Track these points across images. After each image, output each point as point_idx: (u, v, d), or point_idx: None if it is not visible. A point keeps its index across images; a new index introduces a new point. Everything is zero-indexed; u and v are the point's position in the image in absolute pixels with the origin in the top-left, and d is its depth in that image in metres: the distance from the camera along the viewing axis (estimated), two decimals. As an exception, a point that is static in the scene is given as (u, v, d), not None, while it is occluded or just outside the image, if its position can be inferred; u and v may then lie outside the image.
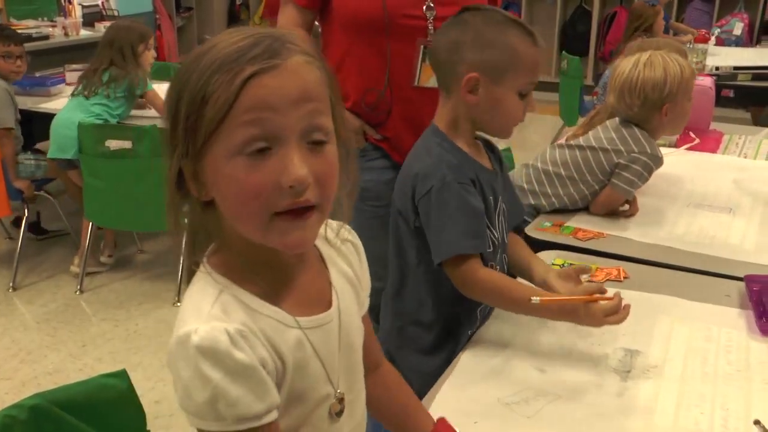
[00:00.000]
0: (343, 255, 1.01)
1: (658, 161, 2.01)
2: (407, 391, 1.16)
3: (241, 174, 0.79)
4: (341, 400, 0.96)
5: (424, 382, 1.30)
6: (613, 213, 2.03)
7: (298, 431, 0.92)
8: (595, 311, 1.28)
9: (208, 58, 0.80)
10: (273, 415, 0.84)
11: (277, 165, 0.79)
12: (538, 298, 1.31)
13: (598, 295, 1.30)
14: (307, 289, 0.93)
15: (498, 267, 1.49)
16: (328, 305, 0.95)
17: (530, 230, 1.94)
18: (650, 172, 2.01)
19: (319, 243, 0.98)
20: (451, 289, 1.41)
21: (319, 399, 0.93)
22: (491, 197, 1.46)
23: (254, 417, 0.82)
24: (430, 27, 1.92)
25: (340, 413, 0.96)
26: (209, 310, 0.83)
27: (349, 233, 1.04)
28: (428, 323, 1.49)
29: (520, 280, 1.51)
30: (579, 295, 1.32)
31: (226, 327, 0.81)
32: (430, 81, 1.91)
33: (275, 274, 0.90)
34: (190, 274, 0.91)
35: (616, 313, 1.29)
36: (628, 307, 1.31)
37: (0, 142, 3.42)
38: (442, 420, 1.12)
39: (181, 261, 1.03)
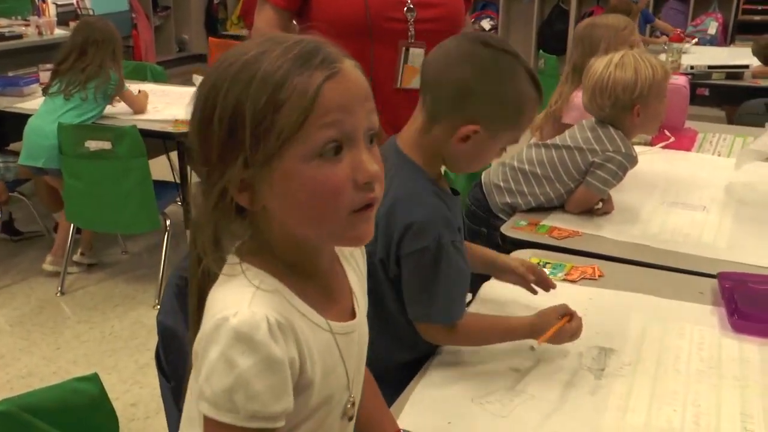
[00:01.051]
0: (355, 259, 1.04)
1: (633, 161, 2.02)
2: (378, 396, 1.17)
3: (321, 175, 0.82)
4: (353, 405, 0.97)
5: (402, 376, 1.30)
6: (588, 212, 2.04)
7: None
8: (565, 331, 1.33)
9: (266, 66, 0.81)
10: (283, 422, 0.83)
11: (350, 163, 0.83)
12: (536, 344, 1.31)
13: (565, 319, 1.35)
14: (337, 296, 0.96)
15: None
16: (353, 314, 0.97)
17: (506, 229, 1.94)
18: (625, 172, 2.02)
19: (338, 250, 1.00)
20: None
21: (340, 404, 0.94)
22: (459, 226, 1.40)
23: (269, 417, 0.81)
24: (411, 29, 1.95)
25: (352, 418, 0.98)
26: (251, 299, 0.83)
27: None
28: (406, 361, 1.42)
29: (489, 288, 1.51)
30: (552, 315, 1.35)
31: (267, 315, 0.81)
32: (413, 82, 1.95)
33: (312, 279, 0.91)
34: (205, 283, 0.89)
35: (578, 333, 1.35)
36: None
37: None
38: None
39: (163, 264, 1.01)
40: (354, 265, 1.03)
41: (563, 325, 1.33)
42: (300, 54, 0.82)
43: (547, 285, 1.52)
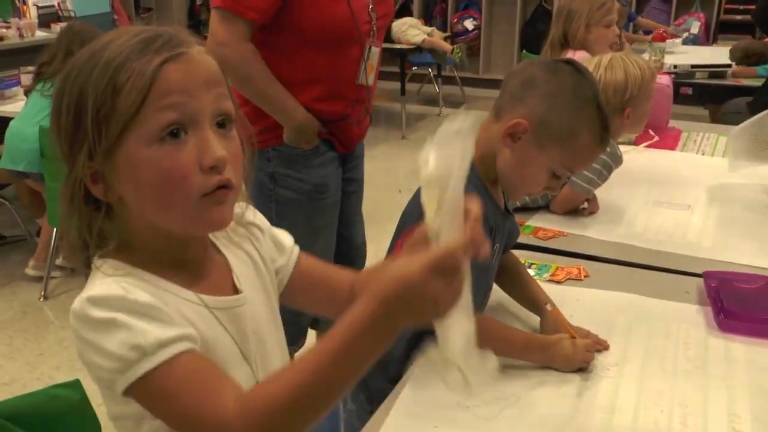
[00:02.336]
0: (247, 238, 1.03)
1: (618, 160, 2.02)
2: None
3: (164, 158, 0.81)
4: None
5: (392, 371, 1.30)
6: (573, 212, 2.04)
7: None
8: (581, 345, 1.32)
9: (109, 53, 0.82)
10: (191, 344, 0.82)
11: (195, 147, 0.82)
12: (550, 306, 1.35)
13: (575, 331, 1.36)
14: (212, 277, 0.94)
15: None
16: (235, 291, 0.96)
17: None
18: (609, 171, 2.02)
19: (223, 235, 1.00)
20: None
21: (242, 379, 0.90)
22: (497, 244, 1.39)
23: (176, 338, 0.80)
24: (374, 27, 2.07)
25: None
26: (102, 282, 0.83)
27: (254, 215, 1.05)
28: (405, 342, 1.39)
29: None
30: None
31: (121, 283, 0.81)
32: (370, 79, 2.14)
33: (180, 265, 0.90)
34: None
35: (593, 350, 1.34)
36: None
37: None
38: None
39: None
40: (244, 249, 1.01)
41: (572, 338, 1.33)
42: (143, 39, 0.83)
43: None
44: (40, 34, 5.21)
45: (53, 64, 3.32)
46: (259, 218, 1.06)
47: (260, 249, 1.04)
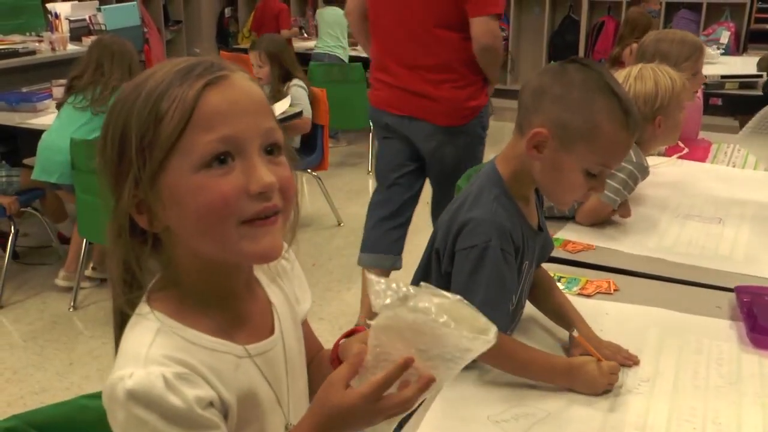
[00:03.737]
0: (279, 274, 1.03)
1: (644, 170, 2.01)
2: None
3: (210, 185, 0.80)
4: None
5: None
6: (599, 223, 2.02)
7: None
8: (604, 368, 1.28)
9: (151, 82, 0.82)
10: None
11: (243, 173, 0.81)
12: (576, 332, 1.34)
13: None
14: (254, 316, 0.94)
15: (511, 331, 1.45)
16: (272, 330, 0.95)
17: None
18: (635, 182, 2.00)
19: (265, 269, 0.99)
20: None
21: (274, 424, 0.92)
22: (527, 261, 1.39)
23: None
24: None
25: None
26: (147, 352, 0.82)
27: (285, 251, 1.02)
28: None
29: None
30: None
31: (163, 372, 0.80)
32: None
33: (225, 303, 0.90)
34: (123, 318, 0.89)
35: (617, 372, 1.30)
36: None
37: None
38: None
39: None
40: (278, 284, 1.01)
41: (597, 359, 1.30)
42: (184, 67, 0.82)
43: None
44: (72, 48, 5.28)
45: (84, 78, 3.37)
46: (289, 253, 1.05)
47: (291, 283, 1.04)
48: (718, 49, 5.72)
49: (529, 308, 1.52)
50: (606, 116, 1.25)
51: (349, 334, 1.00)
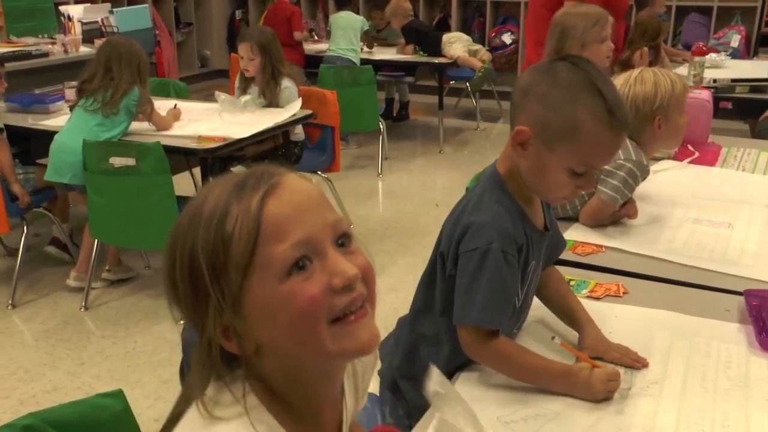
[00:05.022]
0: (361, 375, 1.02)
1: (644, 168, 2.02)
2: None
3: (296, 290, 0.77)
4: None
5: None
6: (605, 224, 2.03)
7: None
8: (600, 374, 1.28)
9: (208, 207, 0.80)
10: None
11: (324, 272, 0.79)
12: (559, 339, 1.35)
13: (601, 363, 1.33)
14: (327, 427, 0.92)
15: (517, 329, 1.47)
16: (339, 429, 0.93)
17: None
18: (635, 180, 2.01)
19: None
20: None
21: None
22: (533, 261, 1.40)
23: None
24: None
25: None
26: None
27: None
28: (443, 361, 1.42)
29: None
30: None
31: None
32: None
33: (307, 418, 0.87)
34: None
35: (617, 379, 1.29)
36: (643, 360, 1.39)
37: None
38: None
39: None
40: (357, 382, 1.00)
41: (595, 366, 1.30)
42: (236, 183, 0.80)
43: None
44: (84, 50, 5.32)
45: (94, 82, 3.39)
46: None
47: (363, 377, 1.02)
48: (726, 51, 5.71)
49: (539, 309, 1.53)
50: (589, 116, 1.25)
51: None
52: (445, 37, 6.07)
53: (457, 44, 6.00)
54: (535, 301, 1.51)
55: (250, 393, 0.83)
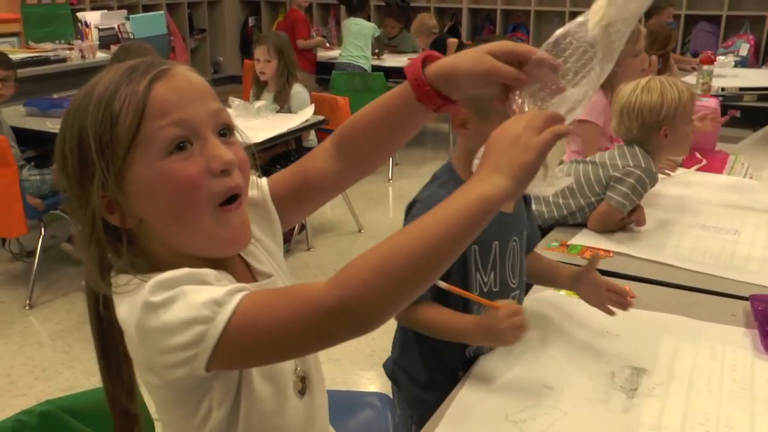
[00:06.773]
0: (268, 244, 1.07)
1: (652, 176, 2.06)
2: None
3: (174, 170, 0.84)
4: (303, 379, 1.01)
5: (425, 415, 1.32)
6: (612, 230, 2.07)
7: (266, 409, 0.94)
8: (499, 314, 1.30)
9: (99, 88, 0.86)
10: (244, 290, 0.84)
11: (203, 155, 0.86)
12: (444, 284, 1.35)
13: (500, 302, 1.34)
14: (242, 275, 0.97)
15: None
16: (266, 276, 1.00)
17: (538, 250, 1.96)
18: (644, 187, 2.05)
19: None
20: None
21: (286, 376, 0.96)
22: (496, 242, 1.45)
23: (242, 288, 0.83)
24: None
25: (303, 391, 1.00)
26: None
27: (258, 189, 1.06)
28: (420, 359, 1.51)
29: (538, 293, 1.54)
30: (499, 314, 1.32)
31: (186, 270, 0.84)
32: None
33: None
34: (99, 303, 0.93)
35: (519, 314, 1.31)
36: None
37: None
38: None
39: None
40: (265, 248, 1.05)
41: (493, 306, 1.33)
42: (128, 68, 0.87)
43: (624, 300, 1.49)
44: (101, 56, 5.39)
45: None
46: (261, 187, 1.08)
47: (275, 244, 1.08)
48: (734, 58, 5.70)
49: (551, 309, 1.56)
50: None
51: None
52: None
53: None
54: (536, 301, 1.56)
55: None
